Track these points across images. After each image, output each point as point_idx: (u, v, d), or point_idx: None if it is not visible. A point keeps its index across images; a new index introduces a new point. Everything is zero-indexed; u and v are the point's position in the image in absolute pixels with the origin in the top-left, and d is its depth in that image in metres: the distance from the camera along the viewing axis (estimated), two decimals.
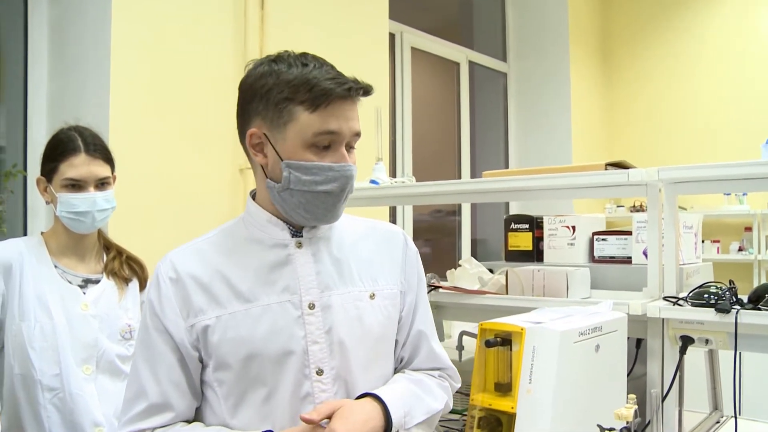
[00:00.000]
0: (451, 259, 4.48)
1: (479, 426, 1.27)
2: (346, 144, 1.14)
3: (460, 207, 4.54)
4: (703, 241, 2.12)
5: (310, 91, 1.09)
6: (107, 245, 1.77)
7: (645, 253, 1.98)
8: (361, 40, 3.25)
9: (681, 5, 5.41)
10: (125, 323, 1.69)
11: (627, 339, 1.47)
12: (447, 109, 4.65)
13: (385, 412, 1.13)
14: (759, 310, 1.48)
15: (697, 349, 1.61)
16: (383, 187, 2.27)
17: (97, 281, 1.70)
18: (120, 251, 1.77)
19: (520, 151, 5.14)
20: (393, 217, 3.82)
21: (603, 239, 2.17)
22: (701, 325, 1.55)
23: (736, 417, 1.54)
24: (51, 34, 2.44)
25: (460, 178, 4.55)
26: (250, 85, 1.14)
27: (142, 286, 1.77)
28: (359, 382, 1.17)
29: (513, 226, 2.34)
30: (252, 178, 2.66)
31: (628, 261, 2.11)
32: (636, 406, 1.23)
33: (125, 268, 1.74)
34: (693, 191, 1.69)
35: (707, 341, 1.55)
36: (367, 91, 1.13)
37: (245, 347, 1.12)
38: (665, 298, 1.63)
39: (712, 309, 1.51)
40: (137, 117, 2.34)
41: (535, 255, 2.28)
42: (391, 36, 3.86)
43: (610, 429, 1.26)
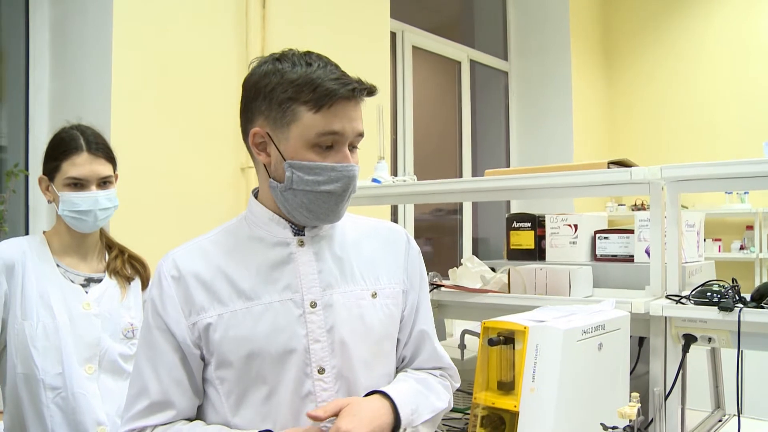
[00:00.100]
0: (452, 257, 4.47)
1: (482, 425, 1.27)
2: (349, 144, 1.14)
3: (461, 206, 4.53)
4: (704, 240, 2.11)
5: (313, 92, 1.08)
6: (109, 244, 1.77)
7: (647, 251, 1.98)
8: (362, 39, 3.25)
9: (682, 3, 5.41)
10: (127, 322, 1.69)
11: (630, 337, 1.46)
12: (448, 108, 4.65)
13: (393, 409, 1.13)
14: (762, 308, 1.48)
15: (699, 348, 1.61)
16: (385, 185, 2.26)
17: (99, 280, 1.70)
18: (122, 250, 1.77)
19: (521, 149, 5.14)
20: (394, 215, 3.82)
21: (605, 238, 2.17)
22: (704, 323, 1.54)
23: (739, 415, 1.53)
24: (52, 33, 2.44)
25: (461, 176, 4.54)
26: (253, 83, 1.14)
27: (144, 285, 1.77)
28: (361, 380, 1.17)
29: (515, 224, 2.33)
30: (253, 177, 2.69)
31: (630, 259, 2.10)
32: (639, 405, 1.22)
33: (127, 267, 1.75)
34: (695, 189, 1.68)
35: (710, 339, 1.55)
36: (371, 91, 1.13)
37: (247, 345, 1.12)
38: (668, 297, 1.63)
39: (715, 307, 1.50)
40: (139, 116, 2.34)
41: (537, 253, 2.28)
42: (392, 35, 3.85)
43: (614, 427, 1.26)
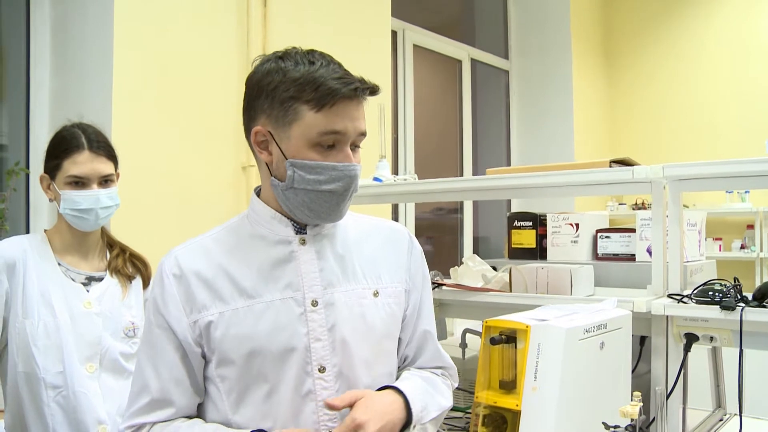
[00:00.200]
0: (453, 256, 4.47)
1: (484, 424, 1.27)
2: (352, 143, 1.14)
3: (462, 204, 4.53)
4: (705, 239, 2.11)
5: (315, 91, 1.08)
6: (110, 243, 1.77)
7: (649, 250, 1.98)
8: (363, 38, 3.25)
9: (683, 3, 5.40)
10: (128, 321, 1.68)
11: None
12: (449, 107, 4.65)
13: (406, 405, 1.15)
14: (764, 307, 1.48)
15: (699, 347, 1.60)
16: (386, 184, 2.26)
17: (100, 279, 1.69)
18: (123, 249, 1.77)
19: (522, 148, 5.14)
20: (395, 214, 3.82)
21: (606, 236, 2.17)
22: (706, 322, 1.54)
23: (740, 415, 1.53)
24: (53, 31, 2.43)
25: (461, 175, 4.54)
26: (256, 81, 1.14)
27: (146, 284, 1.76)
28: (361, 379, 1.17)
29: (516, 223, 2.33)
30: (254, 176, 2.69)
31: (631, 258, 2.10)
32: (641, 404, 1.22)
33: (128, 265, 1.74)
34: (698, 188, 1.68)
35: (712, 339, 1.55)
36: (373, 90, 1.12)
37: (247, 343, 1.12)
38: (670, 296, 1.63)
39: (717, 306, 1.50)
40: (140, 115, 2.34)
41: (538, 252, 2.28)
42: (393, 33, 3.85)
43: (615, 426, 1.26)
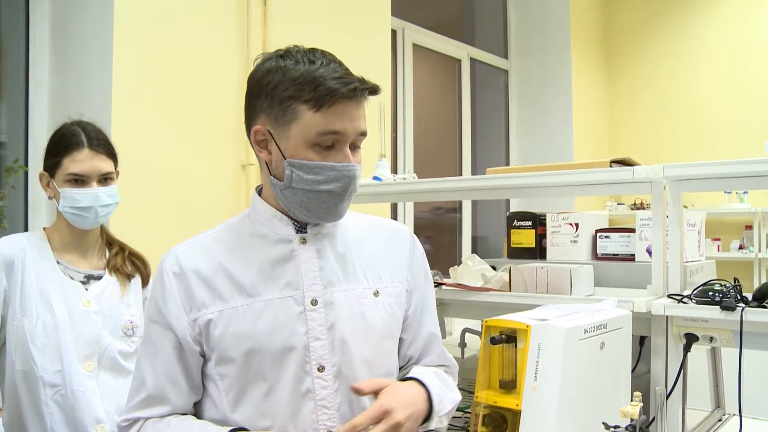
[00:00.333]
0: (451, 256, 4.47)
1: (484, 423, 1.27)
2: (352, 143, 1.13)
3: (460, 204, 4.53)
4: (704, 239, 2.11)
5: (314, 90, 1.08)
6: (110, 241, 1.77)
7: (648, 250, 1.98)
8: (363, 37, 3.24)
9: (683, 3, 5.40)
10: (127, 320, 1.68)
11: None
12: (448, 106, 4.64)
13: (428, 396, 1.16)
14: (764, 308, 1.47)
15: (697, 348, 1.60)
16: (385, 183, 2.26)
17: (99, 277, 1.69)
18: (122, 247, 1.76)
19: (521, 148, 5.14)
20: (394, 213, 3.81)
21: (606, 236, 2.17)
22: (706, 322, 1.54)
23: (740, 415, 1.53)
24: (53, 29, 2.43)
25: (461, 175, 4.54)
26: (257, 80, 1.14)
27: (145, 283, 1.76)
28: (361, 378, 1.17)
29: (516, 223, 2.33)
30: (254, 174, 2.68)
31: (631, 258, 2.10)
32: (641, 404, 1.22)
33: (128, 264, 1.74)
34: (698, 189, 1.68)
35: (711, 339, 1.55)
36: (373, 90, 1.12)
37: (247, 342, 1.12)
38: (669, 296, 1.62)
39: (717, 307, 1.50)
40: (139, 113, 2.33)
41: (537, 252, 2.27)
42: (393, 33, 3.84)
43: (615, 427, 1.26)
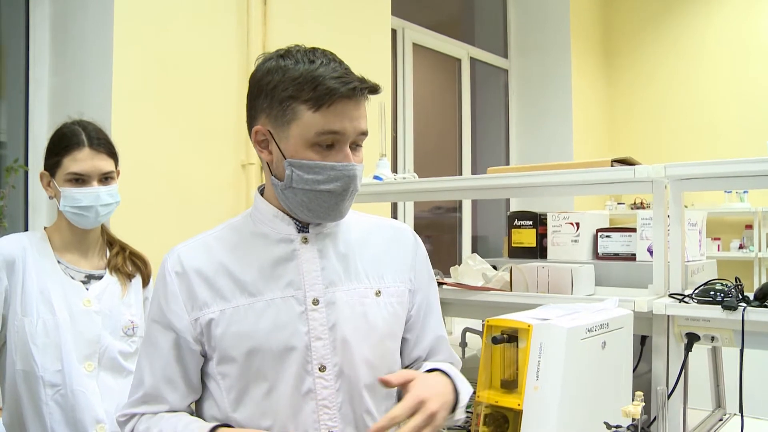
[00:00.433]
0: (451, 255, 4.47)
1: (485, 423, 1.27)
2: (352, 143, 1.13)
3: (460, 204, 4.52)
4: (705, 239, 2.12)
5: (314, 90, 1.07)
6: (110, 241, 1.76)
7: (649, 250, 1.97)
8: (363, 37, 3.24)
9: (683, 3, 5.40)
10: (128, 319, 1.68)
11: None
12: (448, 106, 4.64)
13: (454, 387, 1.17)
14: (766, 307, 1.47)
15: (698, 347, 1.60)
16: (386, 183, 2.26)
17: (100, 277, 1.69)
18: (123, 247, 1.76)
19: (521, 147, 5.13)
20: (394, 213, 3.81)
21: (607, 236, 2.16)
22: (707, 322, 1.54)
23: (742, 415, 1.53)
24: (53, 29, 2.42)
25: (461, 174, 4.54)
26: (257, 80, 1.14)
27: (145, 282, 1.76)
28: (362, 378, 1.17)
29: (516, 222, 2.33)
30: (254, 175, 2.68)
31: (632, 258, 2.10)
32: (643, 404, 1.22)
33: (128, 263, 1.74)
34: (699, 188, 1.68)
35: (713, 338, 1.55)
36: (373, 90, 1.11)
37: (248, 341, 1.12)
38: (671, 296, 1.62)
39: (719, 306, 1.50)
40: (139, 112, 2.33)
41: (538, 251, 2.27)
42: (393, 32, 3.84)
43: (617, 426, 1.26)
